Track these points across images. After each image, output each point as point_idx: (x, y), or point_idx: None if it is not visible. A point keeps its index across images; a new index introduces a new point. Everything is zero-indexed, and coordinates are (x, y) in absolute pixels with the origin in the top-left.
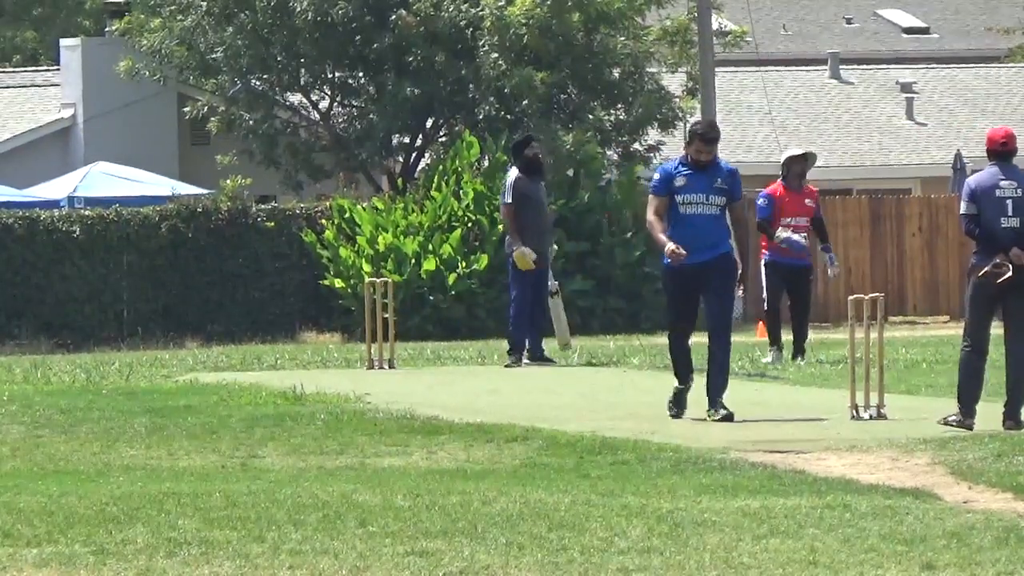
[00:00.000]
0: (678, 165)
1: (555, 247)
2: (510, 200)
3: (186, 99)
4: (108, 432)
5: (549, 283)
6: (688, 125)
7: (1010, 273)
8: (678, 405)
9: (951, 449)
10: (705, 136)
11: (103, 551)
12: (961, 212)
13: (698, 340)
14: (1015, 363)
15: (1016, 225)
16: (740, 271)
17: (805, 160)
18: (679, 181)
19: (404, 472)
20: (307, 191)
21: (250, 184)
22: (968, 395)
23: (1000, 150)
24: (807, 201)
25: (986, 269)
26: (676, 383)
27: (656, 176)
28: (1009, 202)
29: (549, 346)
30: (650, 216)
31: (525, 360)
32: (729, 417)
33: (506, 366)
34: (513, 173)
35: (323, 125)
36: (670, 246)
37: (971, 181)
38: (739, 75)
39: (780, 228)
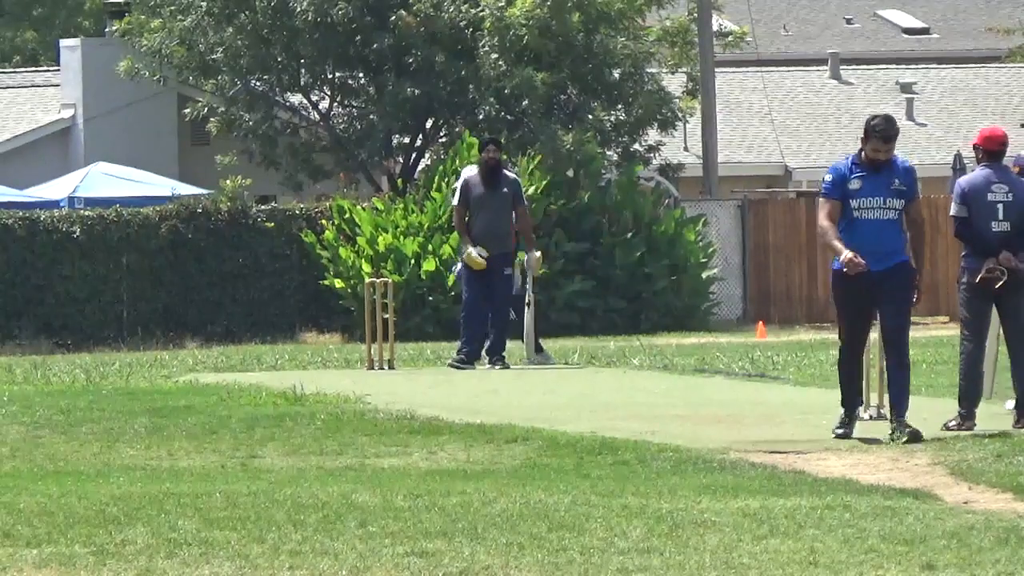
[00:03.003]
0: (851, 165)
1: (527, 257)
2: (456, 202)
3: (186, 99)
4: (108, 432)
5: (527, 294)
6: (685, 123)
7: (1005, 278)
8: (845, 427)
9: (951, 449)
10: (884, 133)
11: (103, 551)
12: (952, 214)
13: (700, 340)
14: (1021, 363)
15: (1006, 229)
16: (918, 279)
17: None
18: (854, 183)
19: (404, 472)
20: (307, 191)
21: (250, 184)
22: (971, 396)
23: (998, 150)
24: None
25: (981, 276)
26: (842, 411)
27: (827, 177)
28: (1000, 206)
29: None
30: (823, 221)
31: (485, 363)
32: (916, 436)
33: (450, 365)
34: (465, 174)
35: (323, 125)
36: (847, 254)
37: (963, 183)
38: (739, 75)
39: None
